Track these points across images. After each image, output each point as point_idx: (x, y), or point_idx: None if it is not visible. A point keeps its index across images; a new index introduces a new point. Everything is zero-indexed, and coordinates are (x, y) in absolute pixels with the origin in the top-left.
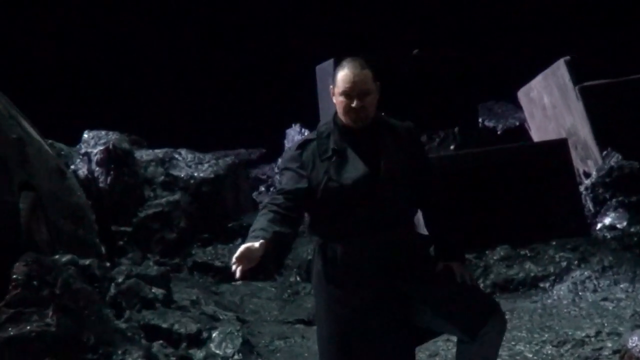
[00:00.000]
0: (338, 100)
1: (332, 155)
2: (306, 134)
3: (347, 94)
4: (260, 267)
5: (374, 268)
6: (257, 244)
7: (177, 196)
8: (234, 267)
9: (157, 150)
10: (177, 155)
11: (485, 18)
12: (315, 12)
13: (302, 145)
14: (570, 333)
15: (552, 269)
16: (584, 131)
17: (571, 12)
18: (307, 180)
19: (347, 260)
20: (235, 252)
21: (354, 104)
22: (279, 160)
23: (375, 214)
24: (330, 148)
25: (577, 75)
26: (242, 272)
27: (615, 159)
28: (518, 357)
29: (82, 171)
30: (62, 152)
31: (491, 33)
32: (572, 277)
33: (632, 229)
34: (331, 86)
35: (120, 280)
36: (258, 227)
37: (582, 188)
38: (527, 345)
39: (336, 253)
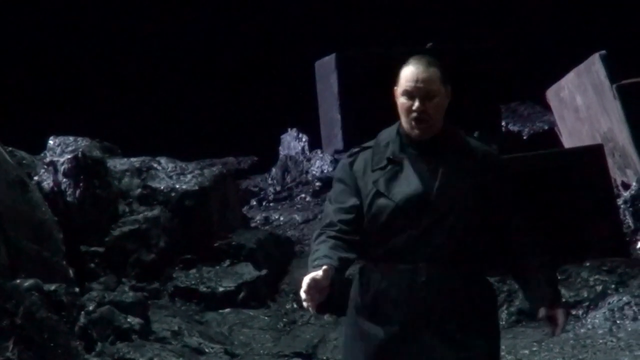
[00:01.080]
0: (399, 102)
1: (387, 165)
2: (304, 139)
3: (409, 93)
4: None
5: (409, 305)
6: (320, 272)
7: (156, 211)
8: (305, 303)
9: (132, 159)
10: (155, 165)
11: (508, 7)
12: (315, 1)
13: (356, 153)
14: None
15: (585, 294)
16: (622, 136)
17: (605, 2)
18: (358, 193)
19: (381, 289)
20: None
21: (415, 106)
22: (273, 169)
23: (424, 241)
24: (385, 157)
25: (614, 72)
26: (317, 306)
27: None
28: None
29: (47, 183)
30: (24, 162)
31: (515, 24)
32: (609, 304)
33: (639, 246)
34: (395, 87)
35: (91, 308)
36: (320, 255)
37: (620, 201)
38: None
39: (371, 279)
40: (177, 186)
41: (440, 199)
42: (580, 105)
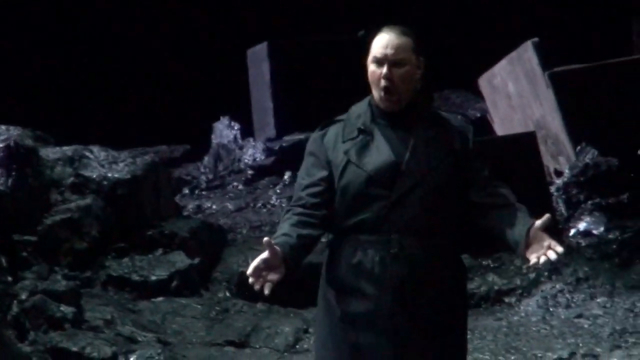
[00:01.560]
0: (369, 70)
1: (358, 136)
2: (236, 127)
3: (378, 60)
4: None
5: (381, 279)
6: (266, 252)
7: (88, 200)
8: (255, 285)
9: (65, 148)
10: (88, 154)
11: None
12: None
13: (327, 124)
14: (540, 355)
15: (518, 282)
16: (554, 123)
17: None
18: (328, 165)
19: (352, 263)
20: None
21: (382, 73)
22: (205, 158)
23: (396, 212)
24: (356, 128)
25: (547, 59)
26: (269, 285)
27: (590, 156)
28: None
29: None
30: None
31: (447, 11)
32: (542, 291)
33: (610, 235)
34: (367, 58)
35: (23, 297)
36: (278, 234)
37: (552, 189)
38: None
39: (342, 253)
40: (110, 175)
41: (412, 169)
42: (512, 92)
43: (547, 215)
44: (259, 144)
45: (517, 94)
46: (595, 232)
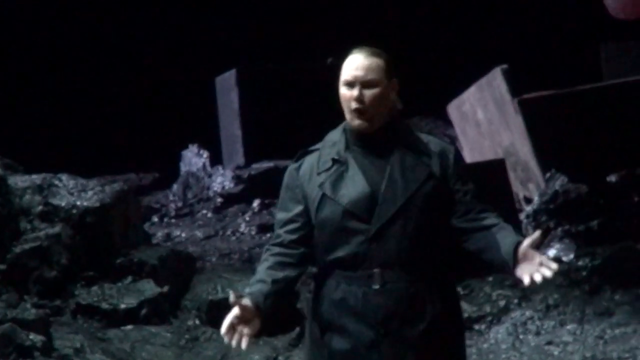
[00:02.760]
0: (340, 93)
1: (332, 166)
2: (205, 155)
3: (348, 82)
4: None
5: (365, 315)
6: (236, 309)
7: (57, 228)
8: (227, 340)
9: (34, 176)
10: (57, 182)
11: (409, 21)
12: (215, 16)
13: (302, 155)
14: None
15: (488, 309)
16: (523, 150)
17: (507, 16)
18: (305, 199)
19: (335, 299)
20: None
21: (353, 95)
22: (174, 186)
23: (376, 245)
24: (331, 158)
25: (516, 86)
26: (246, 340)
27: (560, 182)
28: None
29: None
30: None
31: (416, 37)
32: (512, 318)
33: (580, 262)
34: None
35: None
36: (255, 278)
37: (522, 216)
38: None
39: (325, 288)
40: (79, 203)
41: (389, 199)
42: (481, 119)
43: (537, 232)
44: (228, 172)
45: (486, 121)
46: (565, 259)
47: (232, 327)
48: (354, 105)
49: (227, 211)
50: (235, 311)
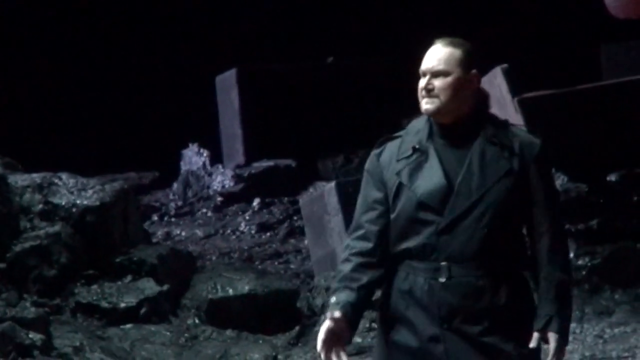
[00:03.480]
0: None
1: (412, 155)
2: (205, 154)
3: (422, 72)
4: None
5: (429, 308)
6: (331, 322)
7: (57, 227)
8: (325, 357)
9: (34, 175)
10: (57, 181)
11: (408, 21)
12: (216, 15)
13: (384, 141)
14: None
15: None
16: None
17: (507, 16)
18: (384, 186)
19: (403, 291)
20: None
21: (422, 83)
22: (174, 185)
23: (446, 238)
24: (411, 147)
25: (517, 85)
26: (339, 353)
27: (560, 182)
28: None
29: None
30: None
31: (415, 38)
32: None
33: (580, 262)
34: None
35: None
36: (340, 284)
37: None
38: None
39: (395, 277)
40: (79, 202)
41: (464, 192)
42: None
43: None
44: (228, 171)
45: None
46: None
47: (327, 342)
48: (422, 93)
49: (227, 210)
50: (329, 324)
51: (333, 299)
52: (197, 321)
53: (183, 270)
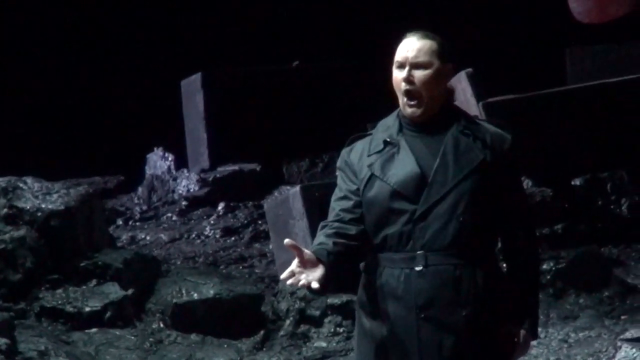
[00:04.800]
0: (393, 77)
1: (383, 148)
2: (170, 158)
3: (399, 64)
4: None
5: (403, 298)
6: (298, 255)
7: (22, 231)
8: (291, 282)
9: None
10: (21, 185)
11: (373, 26)
12: (181, 19)
13: (354, 139)
14: None
15: None
16: None
17: (472, 20)
18: (356, 179)
19: (380, 282)
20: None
21: (403, 75)
22: (139, 189)
23: (421, 227)
24: (382, 140)
25: (481, 90)
26: (316, 282)
27: (525, 185)
28: None
29: None
30: None
31: (379, 42)
32: None
33: (545, 266)
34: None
35: None
36: (315, 242)
37: None
38: None
39: (370, 271)
40: (44, 206)
41: (439, 181)
42: None
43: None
44: (193, 175)
45: None
46: None
47: (294, 274)
48: (404, 86)
49: (192, 214)
50: (296, 261)
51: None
52: (161, 325)
53: (148, 274)
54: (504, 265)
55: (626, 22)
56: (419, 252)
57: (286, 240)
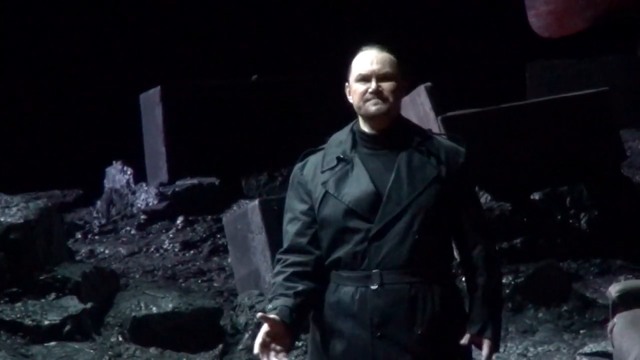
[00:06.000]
0: (353, 90)
1: (337, 165)
2: (129, 172)
3: (364, 77)
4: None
5: (360, 317)
6: (268, 324)
7: None
8: (263, 358)
9: None
10: None
11: (330, 38)
12: (139, 32)
13: (306, 155)
14: None
15: None
16: None
17: (431, 33)
18: (309, 197)
19: (331, 300)
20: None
21: (371, 88)
22: (98, 203)
23: (376, 246)
24: (336, 157)
25: (440, 104)
26: (282, 354)
27: (483, 200)
28: None
29: None
30: None
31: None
32: None
33: (504, 280)
34: (346, 84)
35: None
36: (276, 292)
37: None
38: None
39: (327, 290)
40: (2, 219)
41: (393, 199)
42: None
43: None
44: (152, 188)
45: None
46: None
47: (265, 345)
48: (370, 96)
49: (151, 228)
50: (265, 328)
51: (269, 306)
52: (120, 339)
53: (107, 288)
54: (464, 277)
55: (585, 37)
56: (374, 271)
57: (258, 315)
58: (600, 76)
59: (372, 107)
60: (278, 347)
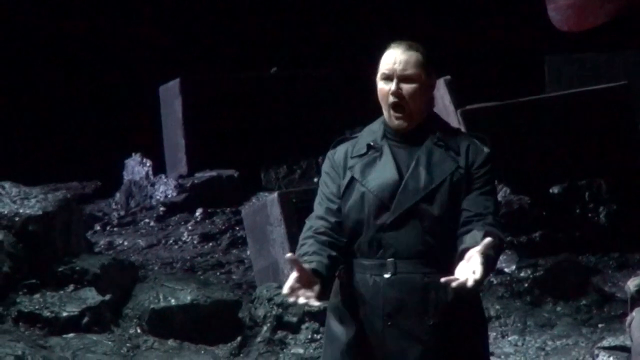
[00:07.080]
0: (378, 89)
1: (366, 152)
2: (148, 164)
3: (386, 76)
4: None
5: (371, 305)
6: (297, 269)
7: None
8: (300, 300)
9: None
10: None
11: (351, 33)
12: (160, 24)
13: (338, 142)
14: None
15: None
16: None
17: (451, 28)
18: (340, 181)
19: (347, 287)
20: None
21: (391, 89)
22: (117, 194)
23: (393, 234)
24: (366, 144)
25: (459, 97)
26: (314, 298)
27: (502, 194)
28: None
29: None
30: None
31: (359, 49)
32: None
33: (522, 274)
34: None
35: None
36: (310, 249)
37: None
38: None
39: (344, 277)
40: (21, 211)
41: (410, 189)
42: None
43: (487, 239)
44: (171, 180)
45: None
46: (507, 270)
47: (295, 290)
48: (391, 99)
49: (170, 220)
50: (294, 274)
51: (303, 258)
52: (139, 331)
53: (125, 280)
54: (465, 235)
55: (604, 31)
56: (388, 260)
57: (288, 255)
58: (619, 70)
59: (394, 121)
60: (308, 293)
